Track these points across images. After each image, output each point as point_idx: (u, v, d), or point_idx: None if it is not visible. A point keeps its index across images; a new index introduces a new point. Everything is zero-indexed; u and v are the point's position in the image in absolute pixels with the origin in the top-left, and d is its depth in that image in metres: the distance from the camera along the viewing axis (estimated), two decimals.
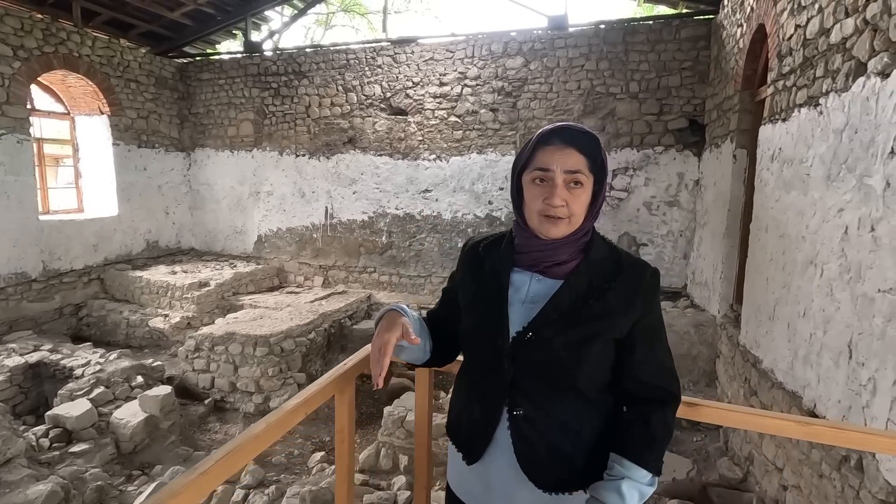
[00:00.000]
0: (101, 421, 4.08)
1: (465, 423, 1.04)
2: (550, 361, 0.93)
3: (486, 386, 1.00)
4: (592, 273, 0.96)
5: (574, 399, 0.94)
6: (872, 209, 2.10)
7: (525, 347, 0.94)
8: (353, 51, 6.99)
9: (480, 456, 0.99)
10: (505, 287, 0.99)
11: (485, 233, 1.14)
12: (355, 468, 3.85)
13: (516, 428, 0.95)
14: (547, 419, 0.94)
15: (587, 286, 0.95)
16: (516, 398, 0.96)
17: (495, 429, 0.97)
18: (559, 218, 0.92)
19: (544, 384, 0.94)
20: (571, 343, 0.92)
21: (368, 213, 7.17)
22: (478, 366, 1.04)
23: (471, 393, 1.05)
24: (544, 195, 0.92)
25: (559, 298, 0.94)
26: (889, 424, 1.92)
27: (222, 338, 4.91)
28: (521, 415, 0.95)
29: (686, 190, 5.76)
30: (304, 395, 0.98)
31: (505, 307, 0.97)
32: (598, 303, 0.94)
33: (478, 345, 1.02)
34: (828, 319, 2.42)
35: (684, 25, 5.59)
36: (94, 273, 6.68)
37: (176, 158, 7.88)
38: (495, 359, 0.97)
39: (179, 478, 0.69)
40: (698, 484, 3.18)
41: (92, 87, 6.59)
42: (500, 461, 0.97)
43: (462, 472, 1.05)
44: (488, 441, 0.98)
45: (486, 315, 0.99)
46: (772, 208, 3.23)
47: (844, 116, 2.36)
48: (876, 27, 2.12)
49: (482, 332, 1.00)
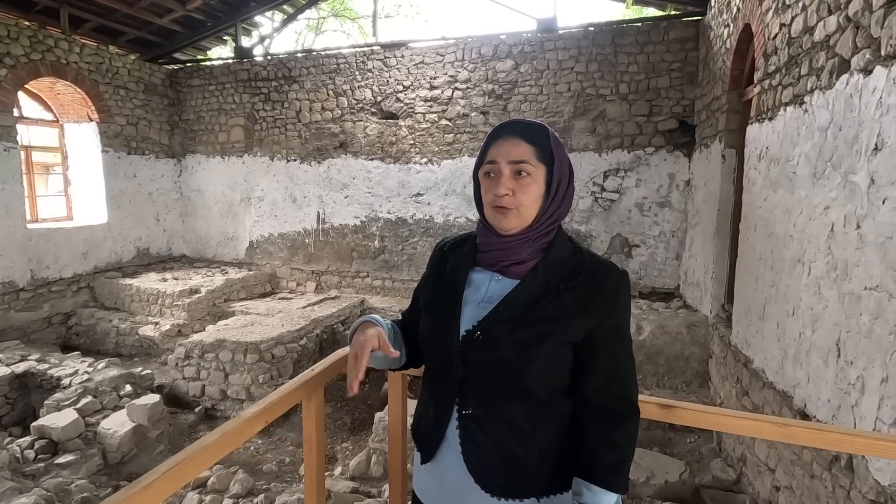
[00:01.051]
0: (88, 431, 4.02)
1: (423, 422, 1.04)
2: (498, 361, 0.91)
3: (439, 385, 1.00)
4: (550, 273, 0.94)
5: (525, 401, 0.92)
6: (857, 206, 2.08)
7: (474, 347, 0.93)
8: (344, 55, 6.98)
9: (434, 455, 0.99)
10: (461, 286, 0.99)
11: (457, 233, 1.13)
12: (346, 475, 3.81)
13: (465, 427, 0.94)
14: (496, 420, 0.92)
15: (543, 286, 0.93)
16: (466, 398, 0.95)
17: (446, 427, 0.96)
18: (507, 208, 0.91)
19: (493, 384, 0.93)
20: (520, 343, 0.90)
21: (361, 218, 7.14)
22: (433, 365, 1.03)
23: (427, 393, 1.04)
24: (492, 186, 0.92)
25: (512, 298, 0.93)
26: (878, 423, 1.90)
27: (213, 345, 4.87)
28: (470, 414, 0.94)
29: (677, 190, 5.75)
30: (265, 402, 0.95)
31: (458, 307, 0.97)
32: (551, 304, 0.91)
33: (432, 344, 1.01)
34: (816, 318, 2.40)
35: (672, 27, 5.61)
36: (83, 281, 6.62)
37: (166, 165, 7.84)
38: (447, 358, 0.96)
39: (120, 493, 0.65)
40: (691, 486, 3.15)
41: (80, 95, 6.55)
42: (451, 461, 0.96)
43: (421, 471, 1.06)
44: (440, 439, 0.97)
45: (439, 314, 0.99)
46: (760, 207, 3.22)
47: (829, 114, 2.35)
48: (858, 24, 2.12)
49: (435, 332, 0.99)
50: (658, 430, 4.13)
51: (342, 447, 4.43)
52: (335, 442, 4.48)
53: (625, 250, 6.02)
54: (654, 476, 3.10)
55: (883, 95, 1.92)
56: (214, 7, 7.12)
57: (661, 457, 3.42)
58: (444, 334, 0.96)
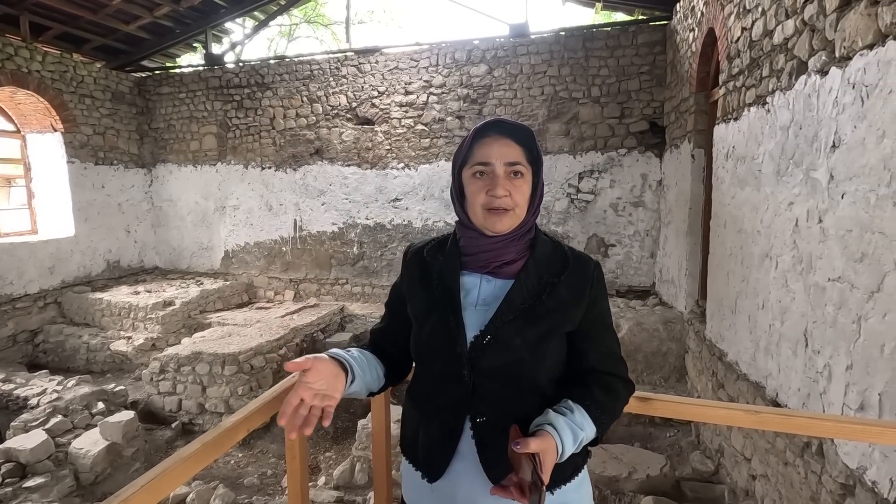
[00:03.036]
0: (59, 452, 3.87)
1: (423, 439, 0.98)
2: (512, 363, 0.91)
3: (443, 397, 0.95)
4: (541, 269, 0.96)
5: (535, 395, 0.93)
6: (819, 201, 2.17)
7: (484, 351, 0.91)
8: (318, 61, 6.94)
9: (443, 472, 0.94)
10: (456, 291, 0.95)
11: (424, 238, 1.11)
12: (331, 485, 3.76)
13: (481, 436, 0.92)
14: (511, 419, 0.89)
15: (538, 282, 0.94)
16: (478, 405, 0.92)
17: (458, 441, 0.93)
18: (504, 210, 0.91)
19: (506, 387, 0.92)
20: (530, 341, 0.91)
21: (338, 224, 7.08)
22: (433, 377, 0.98)
23: (426, 407, 0.99)
24: (487, 187, 0.91)
25: (513, 297, 0.93)
26: (844, 409, 1.97)
27: (189, 358, 4.75)
28: (485, 421, 0.91)
29: (650, 190, 5.89)
30: (246, 410, 0.93)
31: (459, 312, 0.94)
32: (550, 298, 0.93)
33: (433, 355, 0.97)
34: (784, 310, 2.49)
35: (641, 31, 5.75)
36: (50, 297, 6.39)
37: (136, 175, 7.64)
38: (453, 367, 0.93)
39: None
40: (672, 479, 3.21)
41: (43, 104, 6.34)
42: (466, 474, 0.92)
43: (422, 491, 0.99)
44: (451, 455, 0.93)
45: (439, 323, 0.95)
46: (728, 205, 3.32)
47: (790, 113, 2.45)
48: (814, 27, 2.21)
49: (437, 341, 0.95)
50: (639, 426, 4.21)
51: (325, 457, 4.37)
52: (318, 452, 4.42)
53: (601, 250, 6.12)
54: (636, 471, 3.15)
55: (838, 95, 2.01)
56: (183, 14, 6.99)
57: (642, 452, 3.48)
58: (450, 343, 0.93)
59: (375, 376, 1.03)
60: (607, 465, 3.22)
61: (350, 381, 0.92)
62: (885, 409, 1.74)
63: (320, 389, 0.84)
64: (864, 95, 1.85)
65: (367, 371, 0.99)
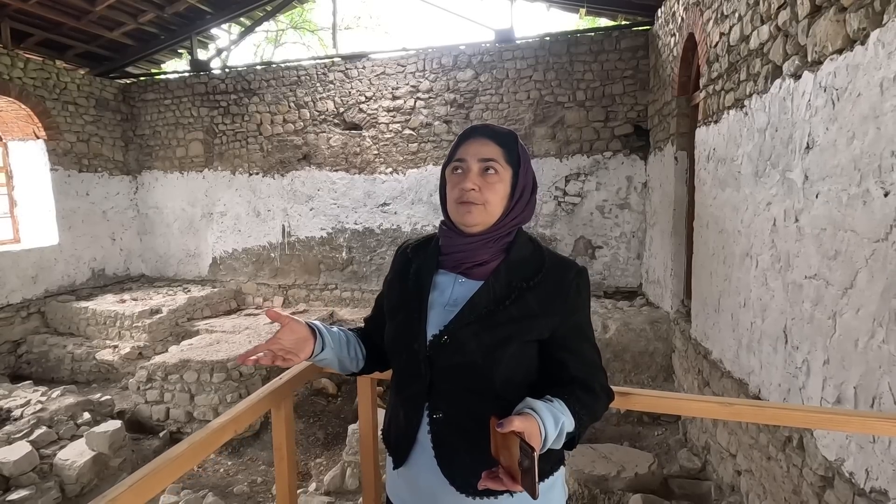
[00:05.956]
0: (44, 463, 3.81)
1: (393, 427, 1.03)
2: (464, 364, 0.92)
3: (408, 390, 0.99)
4: (512, 274, 0.96)
5: (495, 400, 0.92)
6: (795, 201, 2.23)
7: (441, 350, 0.93)
8: (304, 67, 6.94)
9: (405, 459, 0.99)
10: (426, 290, 0.98)
11: (418, 236, 1.14)
12: (321, 490, 3.74)
13: (436, 431, 0.95)
14: (468, 420, 0.92)
15: (506, 287, 0.94)
16: (436, 401, 0.95)
17: (417, 431, 0.97)
18: (473, 203, 0.93)
19: (462, 387, 0.94)
20: (486, 345, 0.91)
21: (327, 230, 7.07)
22: (401, 370, 1.03)
23: (396, 398, 1.04)
24: (459, 182, 0.94)
25: (476, 300, 0.94)
26: (822, 402, 2.03)
27: (176, 366, 4.70)
28: (441, 417, 0.94)
29: (635, 192, 5.97)
30: (233, 411, 0.94)
31: (424, 311, 0.96)
32: (514, 304, 0.93)
33: (398, 349, 1.01)
34: (765, 307, 2.55)
35: (624, 36, 5.85)
36: (33, 306, 6.28)
37: (121, 182, 7.56)
38: (413, 363, 0.96)
39: None
40: (660, 477, 3.25)
41: (25, 111, 6.26)
42: (423, 464, 0.96)
43: (393, 476, 1.05)
44: (412, 443, 0.97)
45: (406, 319, 0.99)
46: (710, 205, 3.39)
47: (766, 116, 2.52)
48: (787, 33, 2.28)
49: (402, 336, 0.99)
50: (627, 426, 4.25)
51: (316, 463, 4.35)
52: (309, 458, 4.40)
53: (588, 252, 6.19)
54: (625, 469, 3.19)
55: (811, 98, 2.08)
56: (168, 20, 6.95)
57: (630, 450, 3.52)
58: (410, 339, 0.96)
59: (353, 355, 1.07)
60: (596, 463, 3.25)
61: (320, 349, 0.99)
62: (860, 401, 1.79)
63: (288, 347, 0.94)
64: (835, 98, 1.91)
65: (342, 346, 1.05)
